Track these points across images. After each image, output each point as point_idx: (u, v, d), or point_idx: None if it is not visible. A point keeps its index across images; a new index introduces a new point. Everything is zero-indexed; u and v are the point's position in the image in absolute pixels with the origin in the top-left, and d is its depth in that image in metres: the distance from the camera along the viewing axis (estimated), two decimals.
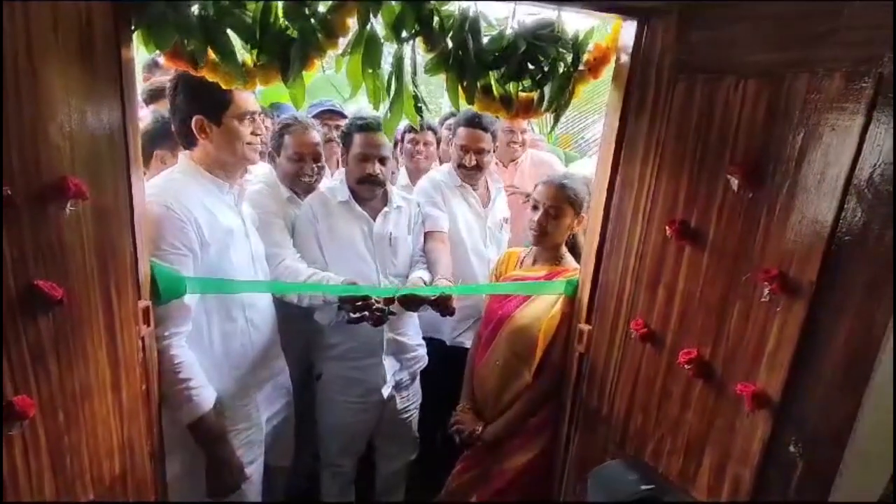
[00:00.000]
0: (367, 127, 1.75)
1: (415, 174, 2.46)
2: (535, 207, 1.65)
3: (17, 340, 0.88)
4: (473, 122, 2.04)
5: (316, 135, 1.87)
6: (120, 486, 1.17)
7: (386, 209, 1.86)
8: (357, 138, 1.77)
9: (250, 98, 1.41)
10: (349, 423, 1.91)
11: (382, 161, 1.78)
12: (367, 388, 1.87)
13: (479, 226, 2.17)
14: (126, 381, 1.15)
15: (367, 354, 1.86)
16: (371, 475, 2.15)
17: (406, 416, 2.01)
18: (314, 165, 1.87)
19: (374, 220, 1.84)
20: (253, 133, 1.42)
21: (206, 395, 1.37)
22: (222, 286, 1.42)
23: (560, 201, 1.62)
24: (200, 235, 1.34)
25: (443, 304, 1.68)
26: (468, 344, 2.05)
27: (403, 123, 2.05)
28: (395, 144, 2.47)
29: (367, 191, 1.80)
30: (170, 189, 1.34)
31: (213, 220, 1.39)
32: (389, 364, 1.89)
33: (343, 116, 2.34)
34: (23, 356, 0.89)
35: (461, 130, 2.09)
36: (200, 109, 1.36)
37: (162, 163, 1.68)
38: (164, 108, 2.11)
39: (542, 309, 1.62)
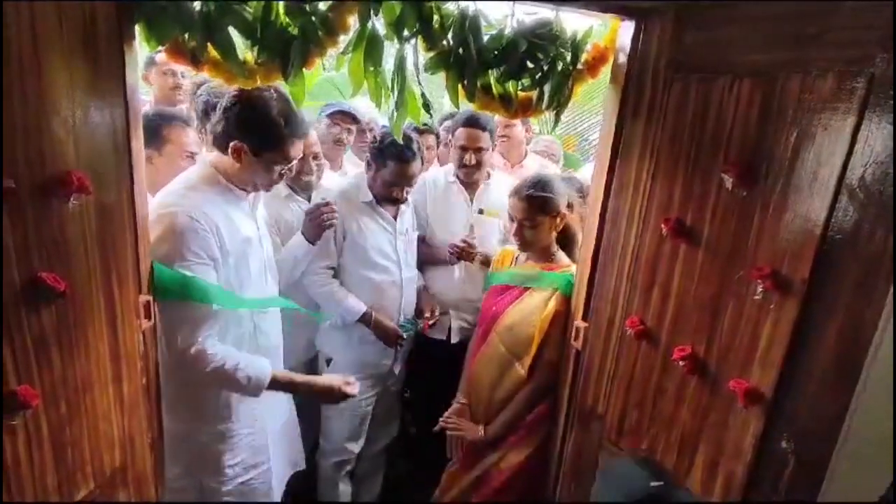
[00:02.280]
0: (402, 158, 1.83)
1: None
2: (511, 219, 1.68)
3: (20, 331, 0.89)
4: (471, 122, 2.10)
5: (314, 134, 1.91)
6: (120, 477, 1.18)
7: (403, 207, 1.99)
8: (392, 166, 1.85)
9: (298, 145, 1.41)
10: (359, 402, 1.98)
11: (410, 185, 1.92)
12: (376, 372, 2.00)
13: (466, 220, 2.20)
14: (127, 374, 1.16)
15: (381, 343, 1.97)
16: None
17: (395, 392, 2.16)
18: (314, 164, 1.91)
19: (396, 217, 1.97)
20: (280, 175, 1.44)
21: (260, 365, 1.41)
22: (245, 303, 1.44)
23: (531, 213, 1.63)
24: (222, 244, 1.33)
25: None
26: (440, 335, 2.16)
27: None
28: None
29: (387, 203, 1.94)
30: (192, 198, 1.32)
31: (234, 228, 1.38)
32: (401, 350, 2.04)
33: (355, 119, 2.36)
34: (26, 347, 0.91)
35: (460, 131, 2.14)
36: (248, 137, 1.33)
37: (149, 162, 1.66)
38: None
39: (534, 306, 1.64)
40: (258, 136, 1.33)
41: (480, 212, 2.21)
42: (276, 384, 1.43)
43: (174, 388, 1.37)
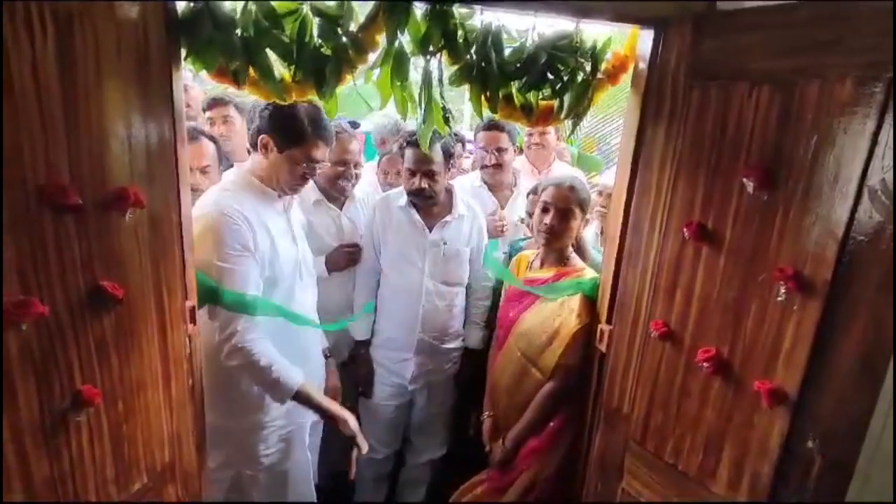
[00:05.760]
0: (415, 143, 1.84)
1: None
2: (545, 210, 1.70)
3: (84, 335, 0.97)
4: (490, 125, 2.23)
5: (356, 143, 1.97)
6: (170, 473, 1.26)
7: (447, 218, 1.96)
8: (408, 152, 1.88)
9: (322, 149, 1.51)
10: (381, 406, 2.04)
11: (429, 175, 1.86)
12: (395, 380, 2.01)
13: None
14: (175, 376, 1.24)
15: (399, 348, 1.99)
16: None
17: (435, 413, 2.10)
18: (354, 171, 1.99)
19: (433, 227, 1.94)
20: (302, 176, 1.51)
21: (293, 374, 1.47)
22: (281, 313, 1.51)
23: (571, 203, 1.67)
24: (254, 239, 1.42)
25: None
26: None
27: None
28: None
29: (418, 201, 1.92)
30: (224, 197, 1.43)
31: (265, 227, 1.46)
32: (418, 362, 1.98)
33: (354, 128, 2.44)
34: (89, 349, 0.99)
35: (481, 133, 2.28)
36: (274, 131, 1.45)
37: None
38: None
39: (549, 311, 1.67)
40: (284, 131, 1.45)
41: (522, 220, 2.26)
42: (300, 396, 1.48)
43: (213, 380, 1.44)
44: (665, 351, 1.38)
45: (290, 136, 1.45)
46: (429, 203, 1.92)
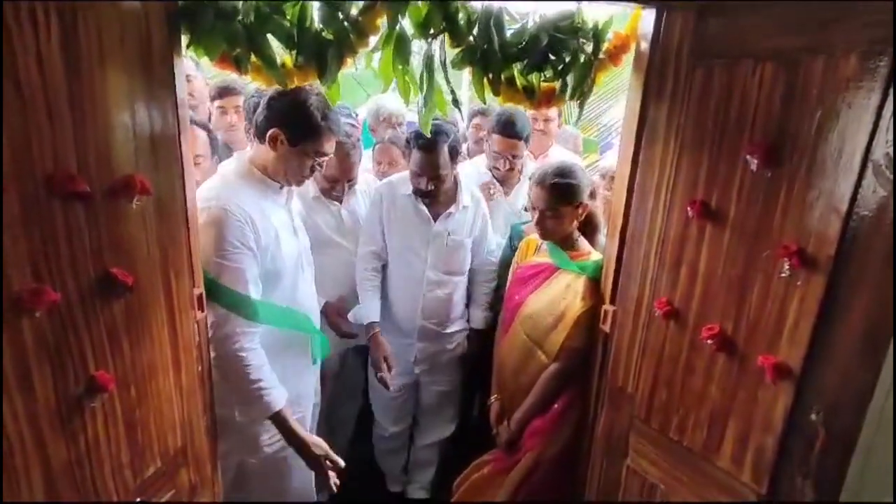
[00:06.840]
0: (423, 146, 1.82)
1: None
2: (533, 208, 1.69)
3: (96, 322, 0.98)
4: (507, 131, 2.13)
5: (356, 160, 1.93)
6: (182, 457, 1.28)
7: (451, 210, 1.95)
8: (415, 154, 1.86)
9: (332, 141, 1.49)
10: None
11: (436, 178, 1.86)
12: (401, 364, 2.02)
13: (503, 214, 2.27)
14: (185, 362, 1.25)
15: (402, 334, 2.02)
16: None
17: (441, 392, 2.14)
18: (346, 185, 1.96)
19: (437, 218, 1.94)
20: (311, 169, 1.51)
21: (277, 395, 1.44)
22: (269, 317, 1.49)
23: (555, 203, 1.64)
24: (256, 235, 1.40)
25: None
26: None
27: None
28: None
29: (422, 197, 1.92)
30: (226, 192, 1.41)
31: (268, 221, 1.45)
32: (421, 347, 2.00)
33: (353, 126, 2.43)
34: (101, 336, 1.00)
35: (495, 137, 2.18)
36: (285, 126, 1.41)
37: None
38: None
39: (554, 294, 1.68)
40: (295, 126, 1.42)
41: (526, 209, 2.25)
42: (279, 418, 1.46)
43: (214, 370, 1.43)
44: (669, 329, 1.39)
45: (303, 130, 1.43)
46: (431, 200, 1.92)
